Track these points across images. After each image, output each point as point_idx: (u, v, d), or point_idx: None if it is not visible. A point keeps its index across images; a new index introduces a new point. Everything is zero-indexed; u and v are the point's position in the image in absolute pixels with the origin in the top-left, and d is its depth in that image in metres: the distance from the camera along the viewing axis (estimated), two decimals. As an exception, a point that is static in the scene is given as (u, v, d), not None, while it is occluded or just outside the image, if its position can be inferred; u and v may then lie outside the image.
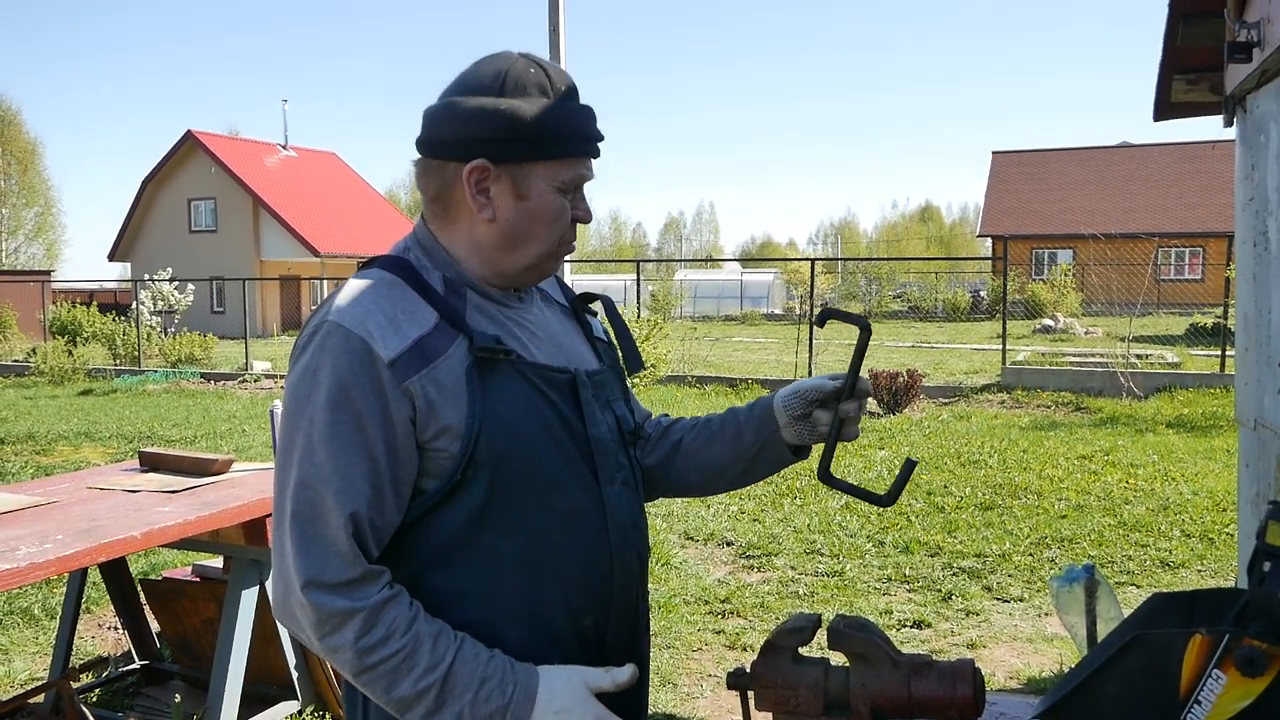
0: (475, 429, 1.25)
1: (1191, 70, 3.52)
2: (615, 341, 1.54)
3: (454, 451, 1.25)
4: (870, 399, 11.72)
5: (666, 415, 1.65)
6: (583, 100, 1.36)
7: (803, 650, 1.33)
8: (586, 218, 1.38)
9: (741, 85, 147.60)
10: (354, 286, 1.30)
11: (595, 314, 1.56)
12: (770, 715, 1.27)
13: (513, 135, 1.28)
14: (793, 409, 1.47)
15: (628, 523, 1.38)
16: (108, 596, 4.14)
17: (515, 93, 1.29)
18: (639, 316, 15.25)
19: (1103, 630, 1.48)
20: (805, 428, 1.48)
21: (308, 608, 1.20)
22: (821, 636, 1.35)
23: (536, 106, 1.28)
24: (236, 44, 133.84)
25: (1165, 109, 3.83)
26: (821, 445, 1.48)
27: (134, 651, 3.96)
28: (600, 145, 1.36)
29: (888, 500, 1.43)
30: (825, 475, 1.46)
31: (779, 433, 1.49)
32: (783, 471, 8.79)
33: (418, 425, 1.25)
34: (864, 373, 1.48)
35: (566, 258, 1.42)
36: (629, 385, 1.61)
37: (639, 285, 17.80)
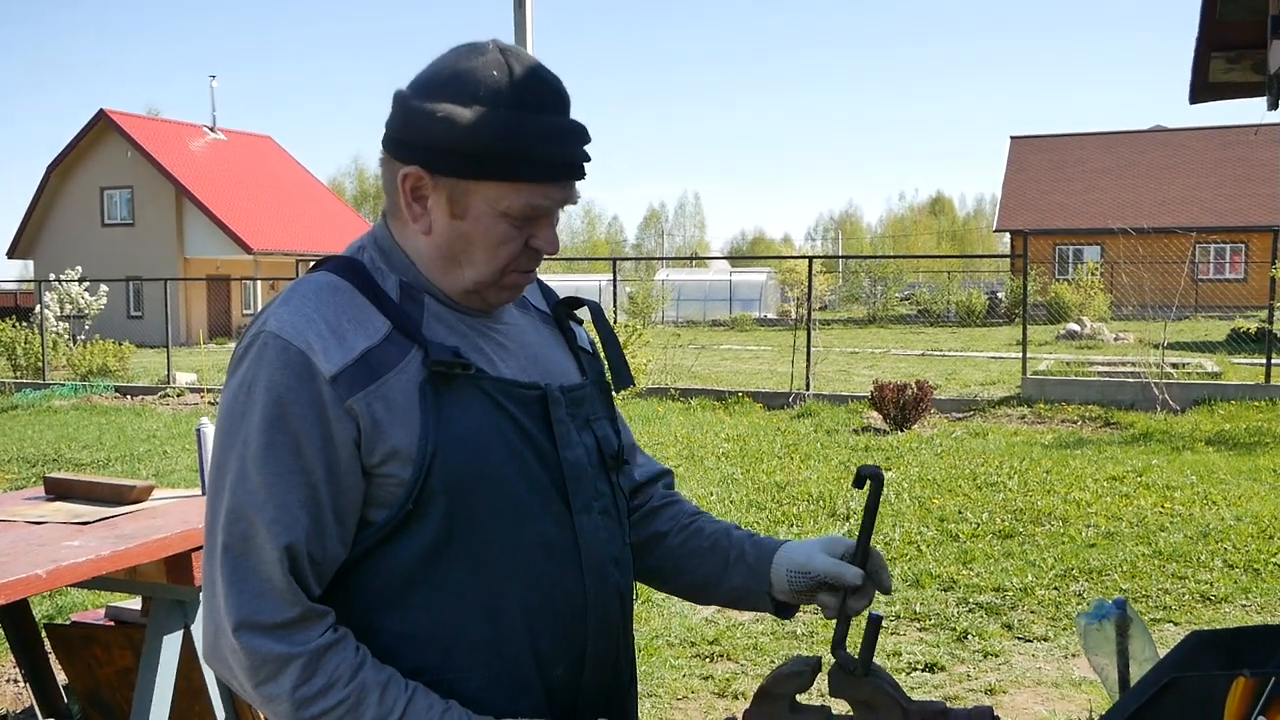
0: (429, 453, 1.25)
1: (1232, 47, 3.57)
2: (601, 353, 1.54)
3: (405, 478, 1.25)
4: (876, 414, 11.85)
5: (669, 480, 1.64)
6: (569, 114, 1.32)
7: (801, 698, 1.34)
8: (548, 249, 1.35)
9: (729, 64, 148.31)
10: (296, 291, 1.31)
11: (580, 321, 1.56)
12: (764, 772, 1.28)
13: (449, 148, 1.26)
14: (798, 585, 1.46)
15: (606, 557, 1.38)
16: (6, 644, 4.09)
17: (464, 98, 1.27)
18: (615, 321, 15.27)
19: (1136, 673, 1.50)
20: (803, 598, 1.47)
21: (240, 652, 1.21)
22: (822, 682, 1.35)
23: (482, 119, 1.25)
24: (157, 11, 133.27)
25: (1203, 90, 3.88)
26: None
27: (36, 708, 3.91)
28: (579, 168, 1.32)
29: (863, 669, 1.32)
30: (839, 652, 1.36)
31: (768, 592, 1.49)
32: (776, 497, 8.75)
33: (362, 448, 1.25)
34: (869, 386, 1.48)
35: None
36: (642, 451, 1.62)
37: (615, 286, 17.80)
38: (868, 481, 1.36)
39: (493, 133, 1.25)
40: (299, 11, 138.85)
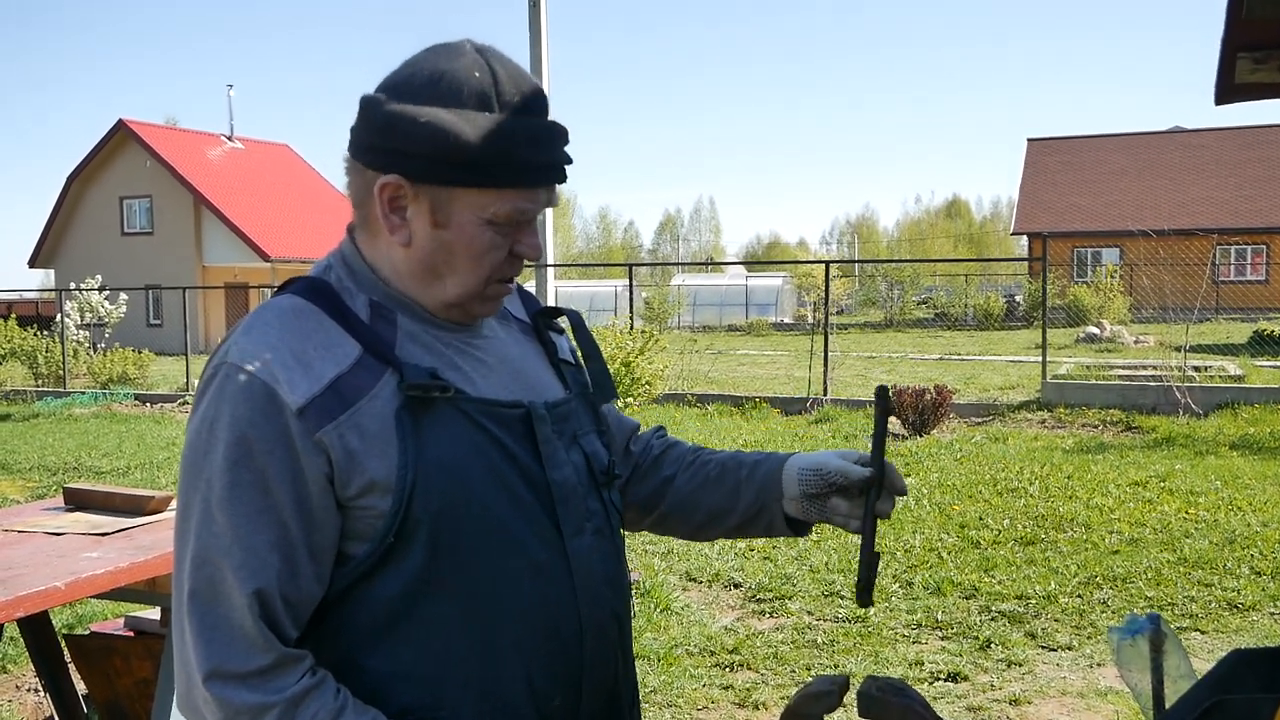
0: (409, 481, 1.20)
1: (1259, 47, 3.51)
2: (584, 364, 1.50)
3: (384, 509, 1.21)
4: (893, 419, 11.77)
5: (662, 431, 1.62)
6: (550, 115, 1.28)
7: (828, 719, 1.31)
8: (532, 255, 1.31)
9: (743, 68, 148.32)
10: (258, 318, 1.26)
11: (561, 331, 1.51)
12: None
13: (435, 154, 1.21)
14: (809, 486, 1.46)
15: (600, 580, 1.34)
16: (26, 654, 4.10)
17: (448, 101, 1.22)
18: (632, 327, 15.26)
19: (1171, 691, 1.46)
20: (814, 507, 1.47)
21: (212, 703, 1.17)
22: (850, 699, 1.32)
23: (469, 123, 1.21)
24: (174, 22, 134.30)
25: (1229, 91, 3.82)
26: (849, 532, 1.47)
27: (56, 718, 3.92)
28: (563, 170, 1.29)
29: (864, 601, 1.43)
30: (865, 598, 1.42)
31: (780, 502, 1.48)
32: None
33: (337, 481, 1.21)
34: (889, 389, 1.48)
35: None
36: (615, 408, 1.59)
37: (631, 291, 17.79)
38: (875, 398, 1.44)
39: (480, 138, 1.21)
40: (315, 20, 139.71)
